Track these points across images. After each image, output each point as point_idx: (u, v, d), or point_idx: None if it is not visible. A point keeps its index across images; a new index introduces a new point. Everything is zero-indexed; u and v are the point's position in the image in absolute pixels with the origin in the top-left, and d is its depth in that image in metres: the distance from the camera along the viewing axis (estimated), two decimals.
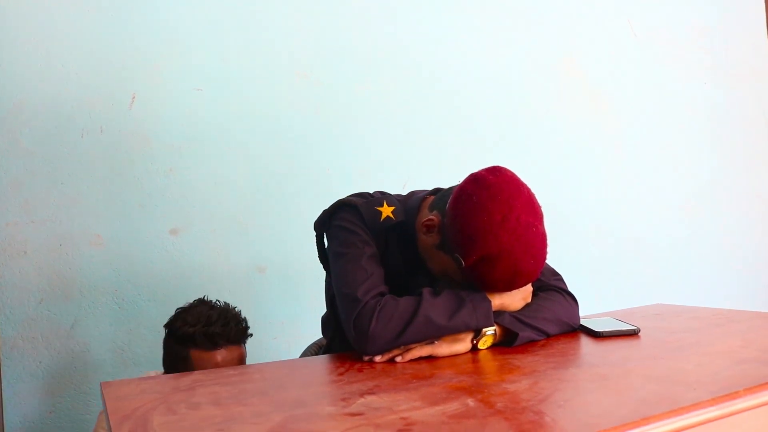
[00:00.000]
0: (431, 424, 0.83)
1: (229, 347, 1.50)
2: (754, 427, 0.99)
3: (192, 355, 1.48)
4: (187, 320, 1.51)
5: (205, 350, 1.47)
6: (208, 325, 1.48)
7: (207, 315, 1.51)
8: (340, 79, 2.47)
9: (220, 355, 1.48)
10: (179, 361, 1.50)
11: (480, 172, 1.29)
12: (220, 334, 1.48)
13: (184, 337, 1.49)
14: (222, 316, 1.52)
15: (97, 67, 2.09)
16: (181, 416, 0.91)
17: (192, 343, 1.48)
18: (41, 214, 2.02)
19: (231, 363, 1.50)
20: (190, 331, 1.48)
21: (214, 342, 1.48)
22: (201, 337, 1.47)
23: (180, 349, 1.50)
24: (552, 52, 2.94)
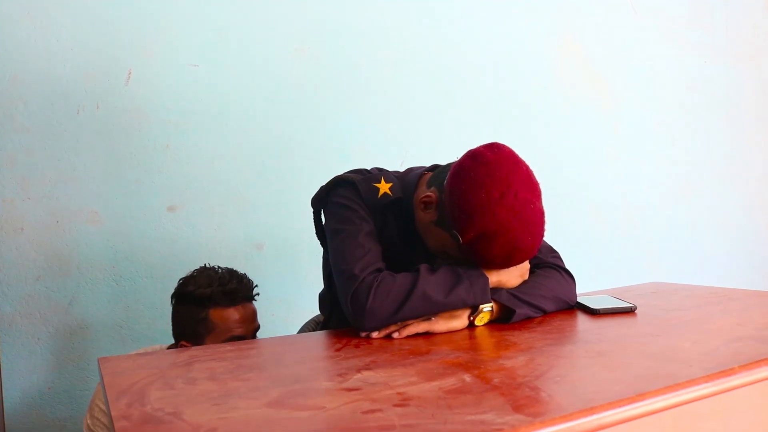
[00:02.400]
0: (428, 399, 0.84)
1: (245, 304, 1.54)
2: (749, 404, 1.00)
3: (211, 314, 1.50)
4: (201, 283, 1.53)
5: (225, 307, 1.50)
6: (223, 284, 1.51)
7: (219, 276, 1.54)
8: (338, 55, 2.45)
9: (238, 311, 1.51)
10: (198, 324, 1.51)
11: (478, 149, 1.28)
12: (238, 290, 1.51)
13: (202, 298, 1.51)
14: (233, 276, 1.55)
15: (93, 42, 2.07)
16: (178, 391, 0.92)
17: (211, 302, 1.50)
18: (38, 191, 2.02)
19: (248, 320, 1.53)
20: (207, 291, 1.50)
21: (233, 298, 1.50)
22: (219, 295, 1.49)
23: (198, 311, 1.51)
24: (551, 29, 2.92)
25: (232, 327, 1.51)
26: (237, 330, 1.51)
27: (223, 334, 1.50)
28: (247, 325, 1.53)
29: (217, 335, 1.51)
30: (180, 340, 1.56)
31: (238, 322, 1.51)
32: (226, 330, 1.50)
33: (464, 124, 2.69)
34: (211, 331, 1.51)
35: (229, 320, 1.50)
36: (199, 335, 1.53)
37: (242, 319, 1.52)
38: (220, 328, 1.50)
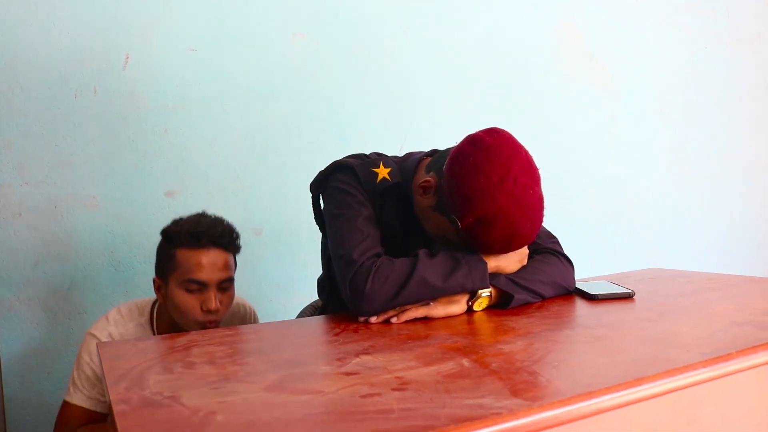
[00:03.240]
0: (426, 383, 0.84)
1: (214, 249, 1.51)
2: (746, 389, 1.00)
3: (178, 254, 1.50)
4: (180, 222, 1.55)
5: (189, 248, 1.49)
6: (196, 226, 1.51)
7: (198, 220, 1.55)
8: (336, 40, 2.44)
9: (205, 256, 1.49)
10: (166, 261, 1.52)
11: (478, 134, 1.28)
12: (205, 233, 1.49)
13: (172, 236, 1.52)
14: (212, 221, 1.55)
15: (90, 26, 2.06)
16: (176, 375, 0.92)
17: (178, 241, 1.50)
18: (35, 176, 2.01)
19: (212, 267, 1.50)
20: (177, 230, 1.52)
21: (198, 239, 1.49)
22: (187, 236, 1.49)
23: (168, 249, 1.52)
24: (551, 14, 2.90)
25: (193, 269, 1.49)
26: (198, 274, 1.49)
27: (184, 275, 1.49)
28: (210, 271, 1.50)
29: (178, 275, 1.50)
30: (155, 275, 1.58)
31: (199, 265, 1.49)
32: (187, 271, 1.49)
33: (463, 109, 2.68)
34: (174, 270, 1.50)
35: (191, 262, 1.49)
36: (165, 273, 1.53)
37: (206, 265, 1.49)
38: (182, 268, 1.49)
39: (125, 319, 1.61)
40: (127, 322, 1.60)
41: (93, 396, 1.55)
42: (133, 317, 1.62)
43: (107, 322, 1.59)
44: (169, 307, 1.56)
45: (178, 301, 1.51)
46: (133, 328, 1.59)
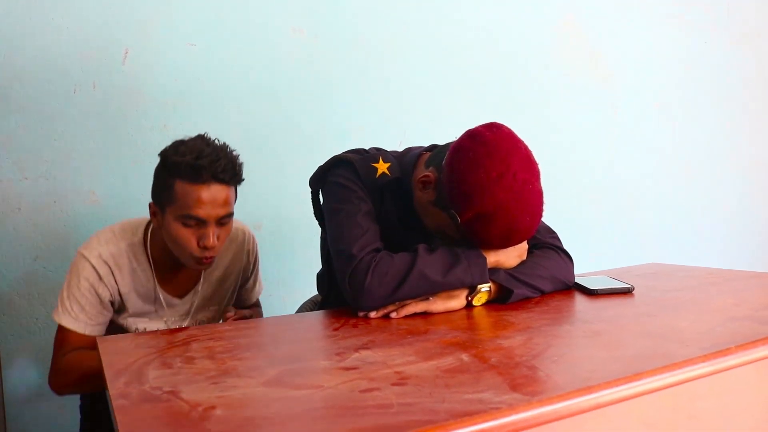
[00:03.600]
0: (425, 378, 0.84)
1: (216, 184, 1.43)
2: (745, 383, 1.00)
3: (177, 186, 1.41)
4: (179, 150, 1.43)
5: (189, 182, 1.40)
6: (198, 158, 1.40)
7: (200, 149, 1.43)
8: (335, 35, 2.43)
9: (205, 191, 1.41)
10: (165, 190, 1.44)
11: (477, 129, 1.28)
12: (207, 168, 1.40)
13: (172, 167, 1.42)
14: (214, 153, 1.44)
15: (89, 21, 2.05)
16: (176, 370, 0.92)
17: (178, 173, 1.41)
18: (34, 171, 2.01)
19: (216, 204, 1.43)
20: (178, 160, 1.41)
21: (199, 175, 1.40)
22: (187, 168, 1.40)
23: (167, 178, 1.43)
24: (551, 9, 2.89)
25: (192, 205, 1.40)
26: (197, 210, 1.41)
27: (181, 210, 1.42)
28: (210, 208, 1.42)
29: (176, 208, 1.42)
30: (152, 199, 1.50)
31: (199, 202, 1.41)
32: (185, 206, 1.41)
33: (463, 104, 2.68)
34: (172, 203, 1.43)
35: (190, 197, 1.41)
36: (162, 202, 1.46)
37: (205, 201, 1.41)
38: (180, 202, 1.41)
39: (117, 238, 1.53)
40: (119, 241, 1.52)
41: (82, 320, 1.49)
42: (126, 236, 1.54)
43: (98, 242, 1.51)
44: (164, 236, 1.49)
45: (175, 235, 1.44)
46: (125, 248, 1.52)
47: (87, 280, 1.48)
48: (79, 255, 1.50)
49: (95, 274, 1.48)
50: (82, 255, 1.49)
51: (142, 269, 1.54)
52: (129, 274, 1.52)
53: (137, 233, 1.55)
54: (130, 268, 1.52)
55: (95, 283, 1.48)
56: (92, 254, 1.49)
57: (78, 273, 1.49)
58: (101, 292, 1.49)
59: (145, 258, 1.54)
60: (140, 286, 1.54)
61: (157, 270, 1.55)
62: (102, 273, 1.48)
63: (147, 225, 1.58)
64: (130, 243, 1.53)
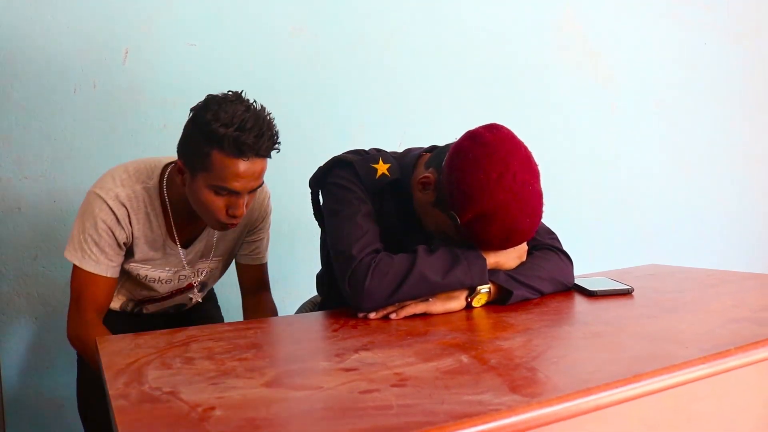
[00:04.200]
0: (425, 379, 0.84)
1: (255, 159, 1.39)
2: (745, 385, 1.00)
3: (214, 155, 1.35)
4: (220, 117, 1.34)
5: (230, 156, 1.35)
6: (241, 131, 1.34)
7: (242, 118, 1.35)
8: (336, 35, 2.43)
9: (243, 164, 1.36)
10: (198, 156, 1.38)
11: (477, 130, 1.28)
12: (251, 146, 1.35)
13: (211, 135, 1.35)
14: (257, 125, 1.37)
15: (90, 20, 2.05)
16: (175, 370, 0.92)
17: (219, 144, 1.35)
18: (34, 171, 2.01)
19: (249, 177, 1.39)
20: (221, 131, 1.33)
21: (242, 151, 1.35)
22: (230, 142, 1.34)
23: (204, 146, 1.36)
24: (551, 8, 2.89)
25: (228, 178, 1.36)
26: (232, 183, 1.37)
27: (216, 180, 1.37)
28: (246, 181, 1.39)
29: (209, 177, 1.38)
30: (179, 157, 1.44)
31: (236, 175, 1.37)
32: (220, 178, 1.37)
33: (463, 104, 2.68)
34: (206, 170, 1.37)
35: (228, 170, 1.35)
36: (194, 166, 1.40)
37: (243, 175, 1.38)
38: (217, 174, 1.37)
39: (132, 179, 1.48)
40: (134, 183, 1.47)
41: (103, 262, 1.46)
42: (141, 179, 1.49)
43: (114, 182, 1.46)
44: (189, 195, 1.45)
45: (204, 200, 1.40)
46: (141, 191, 1.47)
47: (104, 222, 1.44)
48: (94, 195, 1.45)
49: (113, 216, 1.44)
50: (98, 195, 1.44)
51: (155, 215, 1.50)
52: (143, 218, 1.49)
53: (153, 177, 1.50)
54: (145, 212, 1.49)
55: (113, 226, 1.45)
56: (109, 195, 1.44)
57: (94, 214, 1.44)
58: (118, 235, 1.46)
59: (159, 204, 1.50)
60: (150, 232, 1.51)
61: (167, 217, 1.52)
62: (119, 215, 1.44)
63: (163, 170, 1.52)
64: (145, 187, 1.49)
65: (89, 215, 1.45)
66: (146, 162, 1.54)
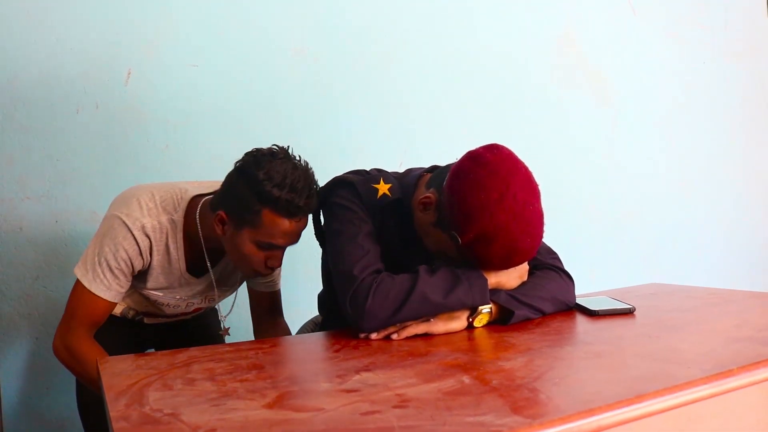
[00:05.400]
0: (427, 400, 0.84)
1: (303, 218, 1.42)
2: (748, 405, 1.00)
3: (264, 214, 1.38)
4: (273, 177, 1.36)
5: (282, 217, 1.38)
6: (293, 192, 1.36)
7: (293, 178, 1.38)
8: (336, 55, 2.45)
9: (292, 225, 1.40)
10: (246, 211, 1.39)
11: (477, 150, 1.28)
12: (302, 208, 1.39)
13: (265, 195, 1.36)
14: (307, 185, 1.40)
15: (93, 42, 2.07)
16: (176, 392, 0.92)
17: (272, 205, 1.37)
18: (36, 191, 2.01)
19: (296, 235, 1.44)
20: (274, 193, 1.35)
21: (295, 214, 1.38)
22: (284, 204, 1.36)
23: (254, 202, 1.38)
24: (551, 29, 2.92)
25: (277, 236, 1.40)
26: (280, 240, 1.41)
27: (263, 237, 1.40)
28: (292, 238, 1.43)
29: (257, 234, 1.40)
30: (221, 208, 1.44)
31: (285, 234, 1.40)
32: (268, 235, 1.40)
33: (463, 124, 2.69)
34: (254, 227, 1.40)
35: (278, 229, 1.39)
36: (240, 220, 1.41)
37: (291, 233, 1.42)
38: (266, 231, 1.39)
39: (159, 209, 1.47)
40: (160, 213, 1.47)
41: (114, 288, 1.45)
42: (167, 210, 1.48)
43: (141, 210, 1.45)
44: (228, 244, 1.46)
45: (246, 253, 1.43)
46: (166, 223, 1.47)
47: (126, 251, 1.42)
48: (119, 221, 1.43)
49: (136, 247, 1.43)
50: (124, 223, 1.43)
51: (176, 248, 1.50)
52: (163, 250, 1.48)
53: (179, 210, 1.49)
54: (165, 244, 1.48)
55: (134, 256, 1.44)
56: (135, 225, 1.43)
57: (117, 240, 1.42)
58: (136, 264, 1.45)
59: (182, 237, 1.50)
60: (168, 264, 1.51)
61: (187, 250, 1.52)
62: (143, 247, 1.44)
63: (189, 202, 1.52)
64: (170, 219, 1.48)
65: (110, 240, 1.43)
66: (171, 191, 1.53)
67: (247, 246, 1.42)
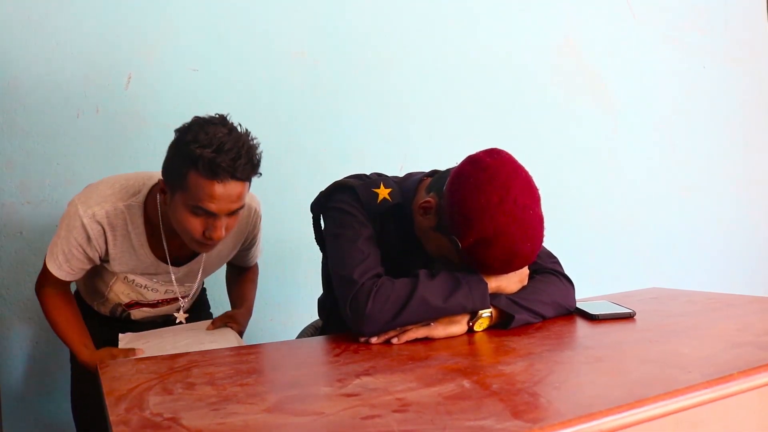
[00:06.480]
0: (427, 405, 0.84)
1: (230, 182, 1.38)
2: (748, 410, 0.99)
3: (190, 176, 1.37)
4: (199, 139, 1.36)
5: (204, 178, 1.36)
6: (217, 153, 1.34)
7: (221, 141, 1.36)
8: (337, 59, 2.45)
9: (219, 187, 1.36)
10: (177, 175, 1.39)
11: (478, 154, 1.29)
12: (225, 168, 1.35)
13: (189, 156, 1.35)
14: (236, 147, 1.37)
15: (94, 46, 2.07)
16: (176, 396, 0.92)
17: (194, 165, 1.35)
18: (37, 195, 2.01)
19: (229, 200, 1.39)
20: (196, 152, 1.34)
21: (216, 173, 1.35)
22: (205, 163, 1.34)
23: (181, 166, 1.38)
24: (551, 33, 2.92)
25: (204, 199, 1.36)
26: (207, 204, 1.37)
27: (192, 200, 1.37)
28: (222, 204, 1.38)
29: (186, 197, 1.38)
30: (162, 176, 1.46)
31: (211, 197, 1.36)
32: (196, 198, 1.37)
33: (463, 128, 2.69)
34: (183, 190, 1.38)
35: (204, 192, 1.36)
36: (173, 186, 1.41)
37: (218, 197, 1.37)
38: (192, 193, 1.37)
39: (116, 196, 1.49)
40: (117, 200, 1.48)
41: (64, 269, 1.51)
42: (125, 196, 1.50)
43: (96, 198, 1.48)
44: (170, 215, 1.46)
45: (181, 220, 1.41)
46: (122, 209, 1.48)
47: (76, 239, 1.48)
48: (74, 208, 1.47)
49: (85, 236, 1.47)
50: (77, 211, 1.47)
51: (137, 233, 1.52)
52: (122, 236, 1.50)
53: (140, 194, 1.52)
54: (125, 230, 1.50)
55: (83, 244, 1.48)
56: (86, 213, 1.46)
57: (69, 228, 1.48)
58: (90, 252, 1.49)
59: (141, 222, 1.51)
60: (132, 250, 1.53)
61: (154, 236, 1.53)
62: (93, 235, 1.47)
63: (151, 188, 1.53)
64: (128, 204, 1.50)
65: (65, 226, 1.49)
66: (136, 178, 1.56)
67: (181, 211, 1.41)
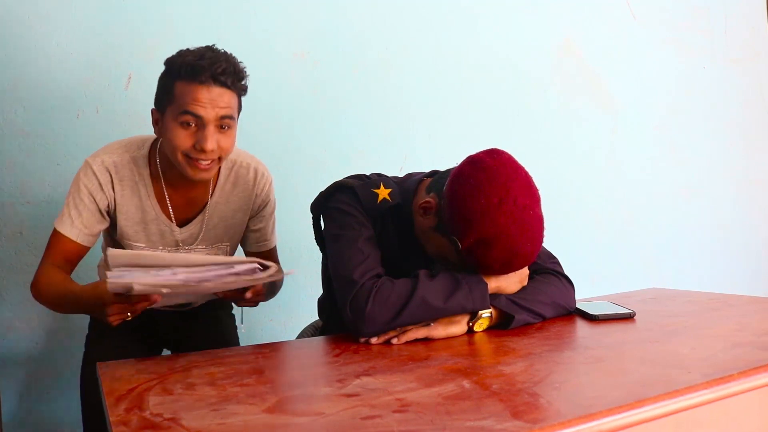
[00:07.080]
0: (427, 405, 0.84)
1: (215, 86, 1.40)
2: (748, 410, 1.00)
3: (176, 86, 1.40)
4: (182, 53, 1.43)
5: (188, 82, 1.39)
6: (198, 59, 1.39)
7: (202, 52, 1.42)
8: (337, 60, 2.45)
9: (204, 91, 1.38)
10: (165, 93, 1.43)
11: (477, 155, 1.29)
12: (206, 68, 1.38)
13: (172, 68, 1.41)
14: (216, 57, 1.42)
15: (94, 46, 2.07)
16: (176, 396, 0.92)
17: (178, 74, 1.39)
18: (37, 195, 2.01)
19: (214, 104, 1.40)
20: (178, 61, 1.40)
21: (197, 74, 1.38)
22: (187, 68, 1.38)
23: (167, 80, 1.42)
24: (551, 33, 2.92)
25: (189, 102, 1.38)
26: (194, 107, 1.38)
27: (180, 107, 1.39)
28: (207, 107, 1.39)
29: (174, 108, 1.40)
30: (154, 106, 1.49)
31: (196, 99, 1.38)
32: (183, 104, 1.39)
33: (463, 129, 2.69)
34: (171, 103, 1.41)
35: (189, 95, 1.38)
36: (163, 105, 1.44)
37: (203, 99, 1.38)
38: (179, 101, 1.39)
39: (123, 149, 1.53)
40: (123, 153, 1.53)
41: (77, 226, 1.50)
42: (131, 149, 1.54)
43: (104, 151, 1.53)
44: (163, 143, 1.48)
45: (171, 135, 1.41)
46: (129, 159, 1.52)
47: (86, 187, 1.49)
48: (85, 162, 1.51)
49: (96, 181, 1.49)
50: (87, 162, 1.50)
51: (144, 184, 1.54)
52: (129, 186, 1.52)
53: (143, 147, 1.55)
54: (132, 180, 1.52)
55: (94, 190, 1.49)
56: (95, 161, 1.50)
57: (79, 179, 1.50)
58: (99, 200, 1.50)
59: (148, 174, 1.54)
60: (139, 201, 1.54)
61: (159, 188, 1.55)
62: (102, 180, 1.49)
63: (155, 141, 1.57)
64: (134, 156, 1.53)
65: (76, 181, 1.51)
66: (142, 136, 1.60)
67: (171, 127, 1.42)
